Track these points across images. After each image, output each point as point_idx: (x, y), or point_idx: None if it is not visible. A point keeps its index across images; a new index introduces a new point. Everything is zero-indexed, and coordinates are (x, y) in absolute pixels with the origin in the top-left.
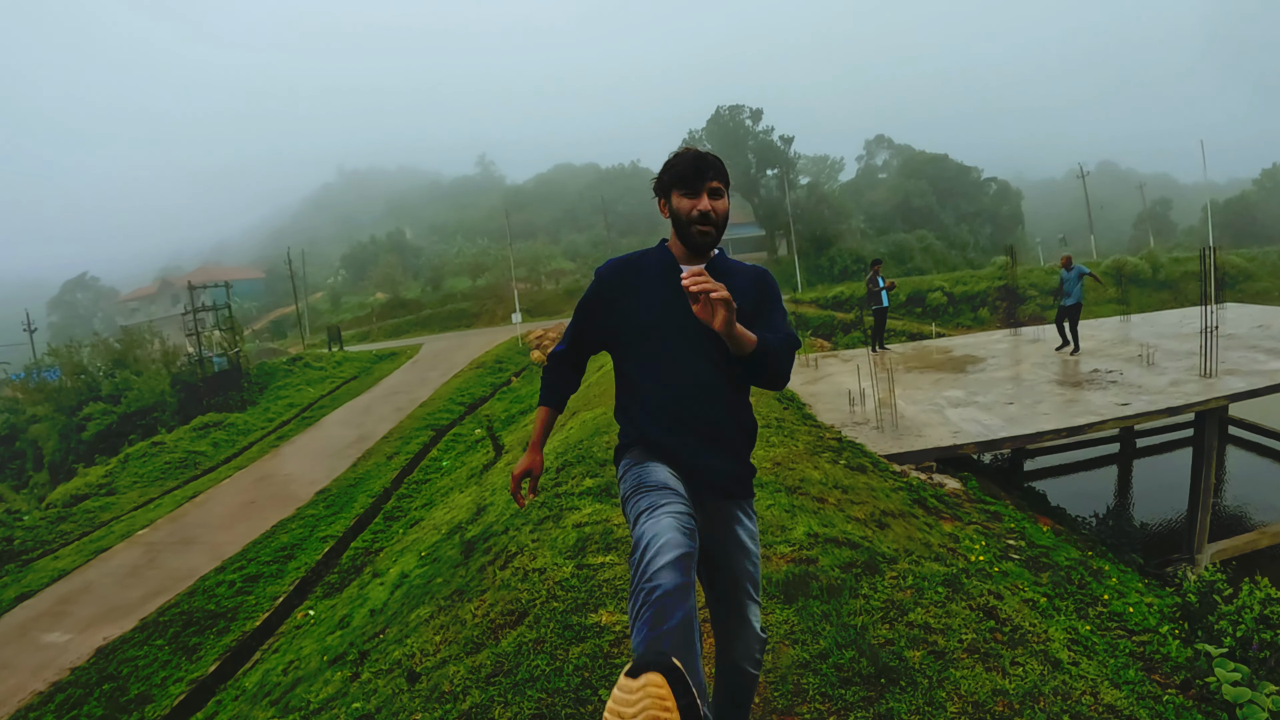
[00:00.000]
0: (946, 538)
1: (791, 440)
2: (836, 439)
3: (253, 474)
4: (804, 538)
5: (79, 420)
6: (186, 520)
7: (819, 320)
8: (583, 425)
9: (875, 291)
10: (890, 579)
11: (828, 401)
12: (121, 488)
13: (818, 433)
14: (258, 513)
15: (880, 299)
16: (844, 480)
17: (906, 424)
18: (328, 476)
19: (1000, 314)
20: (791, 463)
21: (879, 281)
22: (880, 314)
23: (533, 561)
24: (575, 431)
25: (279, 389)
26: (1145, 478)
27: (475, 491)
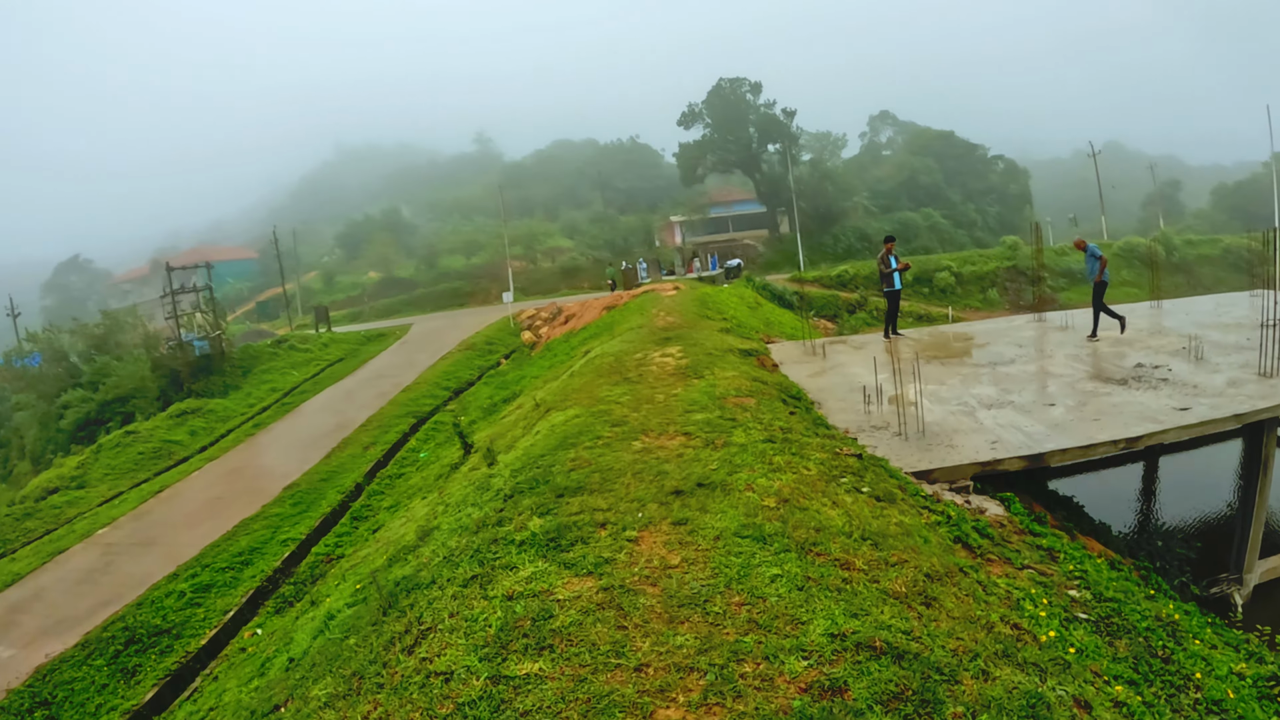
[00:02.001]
0: (1005, 603)
1: (801, 460)
2: (856, 455)
3: (224, 465)
4: (825, 640)
5: (58, 408)
6: (150, 518)
7: (823, 300)
8: (550, 431)
9: (887, 272)
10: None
11: (839, 398)
12: (93, 480)
13: (832, 446)
14: (223, 510)
15: (893, 280)
16: (871, 523)
17: (934, 430)
18: (299, 469)
19: (1010, 295)
20: (803, 498)
21: (892, 261)
22: (893, 296)
23: (440, 655)
24: (540, 439)
25: (263, 373)
26: (1171, 474)
27: (433, 501)
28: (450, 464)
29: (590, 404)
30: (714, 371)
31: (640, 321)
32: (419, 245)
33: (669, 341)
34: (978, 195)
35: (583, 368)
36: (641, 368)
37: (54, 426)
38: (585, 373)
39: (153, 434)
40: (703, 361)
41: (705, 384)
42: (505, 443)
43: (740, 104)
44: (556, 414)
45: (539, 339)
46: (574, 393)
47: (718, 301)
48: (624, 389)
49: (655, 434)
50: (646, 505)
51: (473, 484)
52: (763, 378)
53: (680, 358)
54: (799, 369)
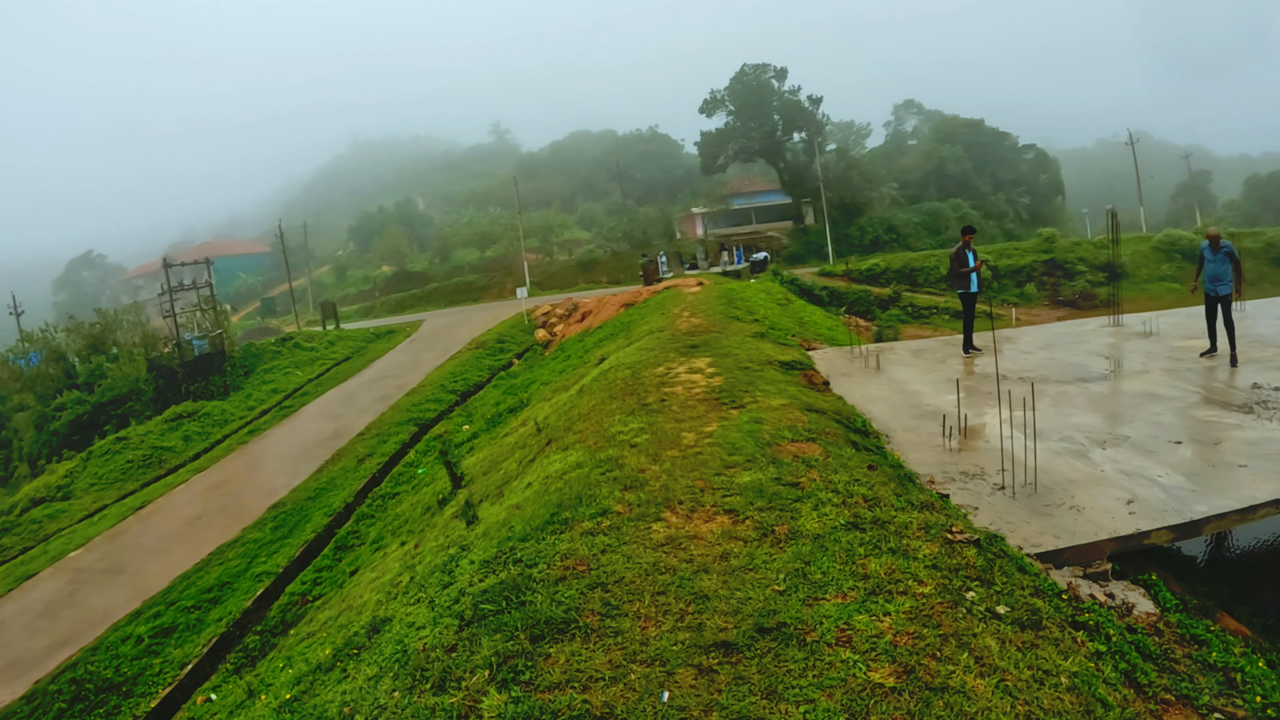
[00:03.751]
0: None
1: (906, 562)
2: (973, 541)
3: (210, 478)
4: None
5: (52, 410)
6: (125, 539)
7: (854, 296)
8: (543, 488)
9: (963, 271)
10: None
11: (908, 427)
12: (78, 490)
13: (938, 526)
14: (200, 532)
15: (969, 281)
16: (1036, 691)
17: (1044, 479)
18: (288, 484)
19: (1048, 290)
20: (930, 655)
21: (969, 258)
22: (969, 301)
23: None
24: (529, 499)
25: (265, 372)
26: None
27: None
28: (439, 495)
29: (597, 444)
30: (755, 396)
31: (661, 323)
32: (433, 238)
33: (695, 351)
34: (1007, 185)
35: (594, 383)
36: (663, 388)
37: (49, 429)
38: (596, 391)
39: (144, 440)
40: (739, 380)
41: (747, 417)
42: (495, 481)
43: (764, 90)
44: (554, 456)
45: (553, 337)
46: (579, 420)
47: (746, 299)
48: (640, 422)
49: (685, 509)
50: (675, 673)
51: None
52: (816, 403)
53: (711, 374)
54: (852, 386)
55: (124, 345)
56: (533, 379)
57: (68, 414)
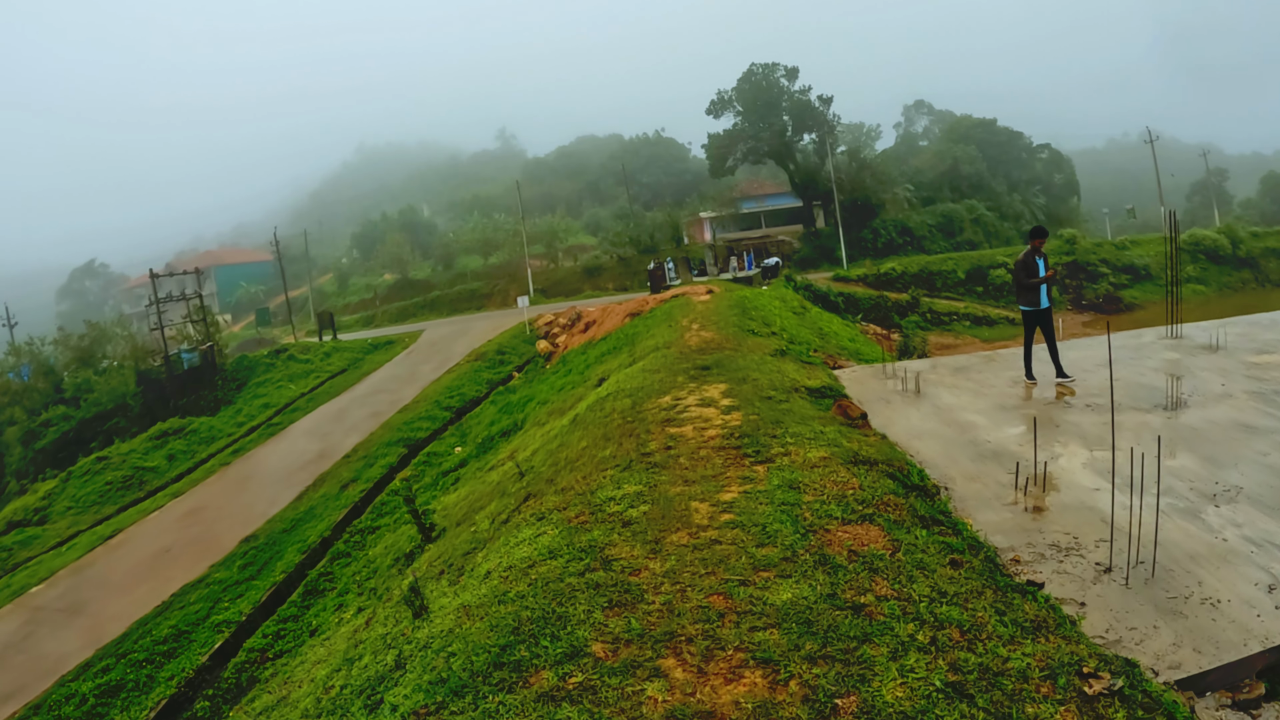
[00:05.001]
0: None
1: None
2: (1116, 694)
3: (186, 504)
4: None
5: (39, 425)
6: (89, 573)
7: (870, 302)
8: (504, 585)
9: (1031, 283)
10: None
11: (971, 474)
12: (55, 514)
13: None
14: (167, 567)
15: (1038, 295)
16: None
17: (1161, 556)
18: (265, 512)
19: (1071, 293)
20: None
21: (1039, 266)
22: (1036, 320)
23: None
24: (483, 607)
25: (257, 386)
26: None
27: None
28: (410, 544)
29: (580, 516)
30: (785, 442)
31: (668, 337)
32: (436, 245)
33: (708, 374)
34: (1022, 186)
35: (589, 413)
36: (669, 427)
37: (35, 445)
38: (590, 425)
39: (126, 459)
40: (763, 416)
41: (779, 480)
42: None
43: (773, 90)
44: (525, 530)
45: (555, 348)
46: (565, 469)
47: (760, 308)
48: (638, 482)
49: (696, 653)
50: None
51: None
52: (860, 450)
53: (727, 406)
54: (893, 416)
55: (113, 358)
56: (531, 395)
57: (54, 430)
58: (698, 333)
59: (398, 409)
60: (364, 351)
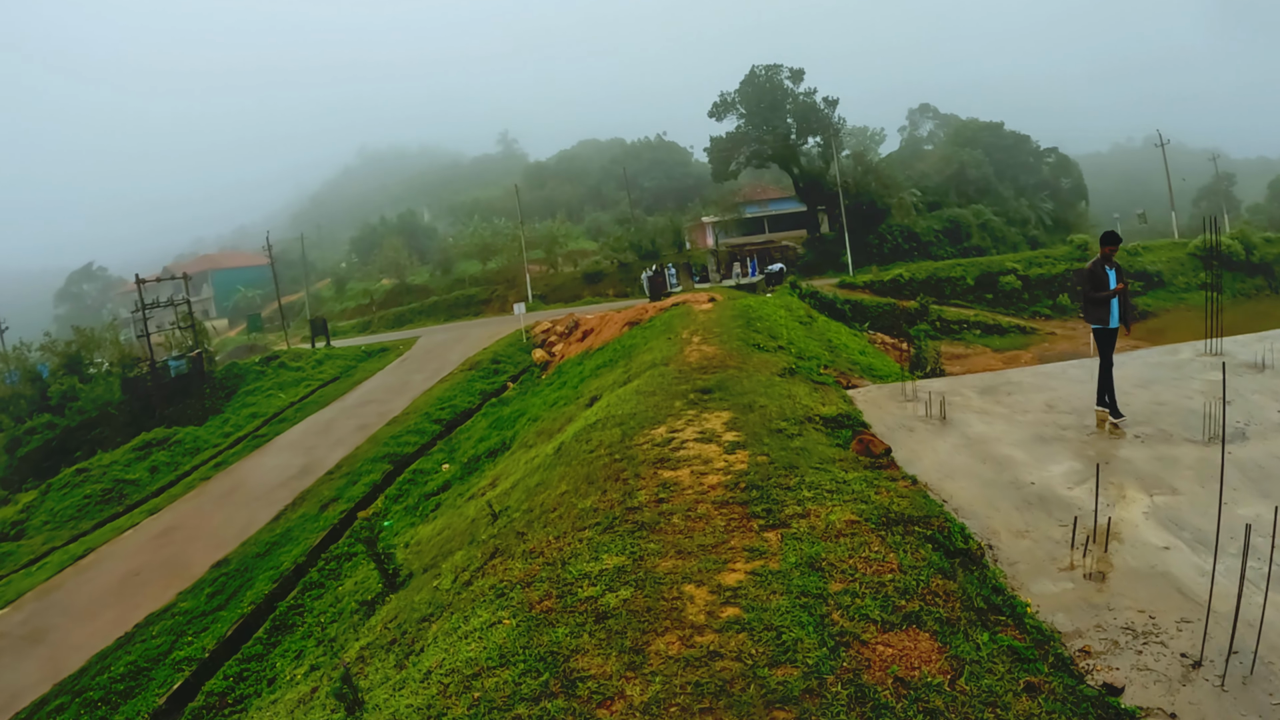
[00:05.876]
0: None
1: None
2: None
3: (162, 521)
4: None
5: (22, 432)
6: (56, 596)
7: (879, 310)
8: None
9: (1099, 297)
10: None
11: (1017, 527)
12: (32, 528)
13: None
14: (134, 593)
15: (1108, 312)
16: None
17: (1268, 650)
18: (238, 535)
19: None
20: None
21: (1109, 277)
22: (1109, 342)
23: None
24: None
25: (246, 395)
26: None
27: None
28: (371, 589)
29: (545, 597)
30: (802, 497)
31: (667, 351)
32: (435, 250)
33: (709, 399)
34: (1030, 190)
35: (574, 445)
36: (663, 470)
37: (19, 454)
38: (573, 462)
39: (107, 472)
40: (774, 459)
41: (796, 556)
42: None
43: (777, 92)
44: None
45: (552, 358)
46: (538, 521)
47: (765, 318)
48: (621, 553)
49: None
50: None
51: None
52: (891, 504)
53: (732, 442)
54: (918, 448)
55: (100, 365)
56: (523, 409)
57: (38, 438)
58: (698, 347)
59: (386, 421)
60: (357, 359)
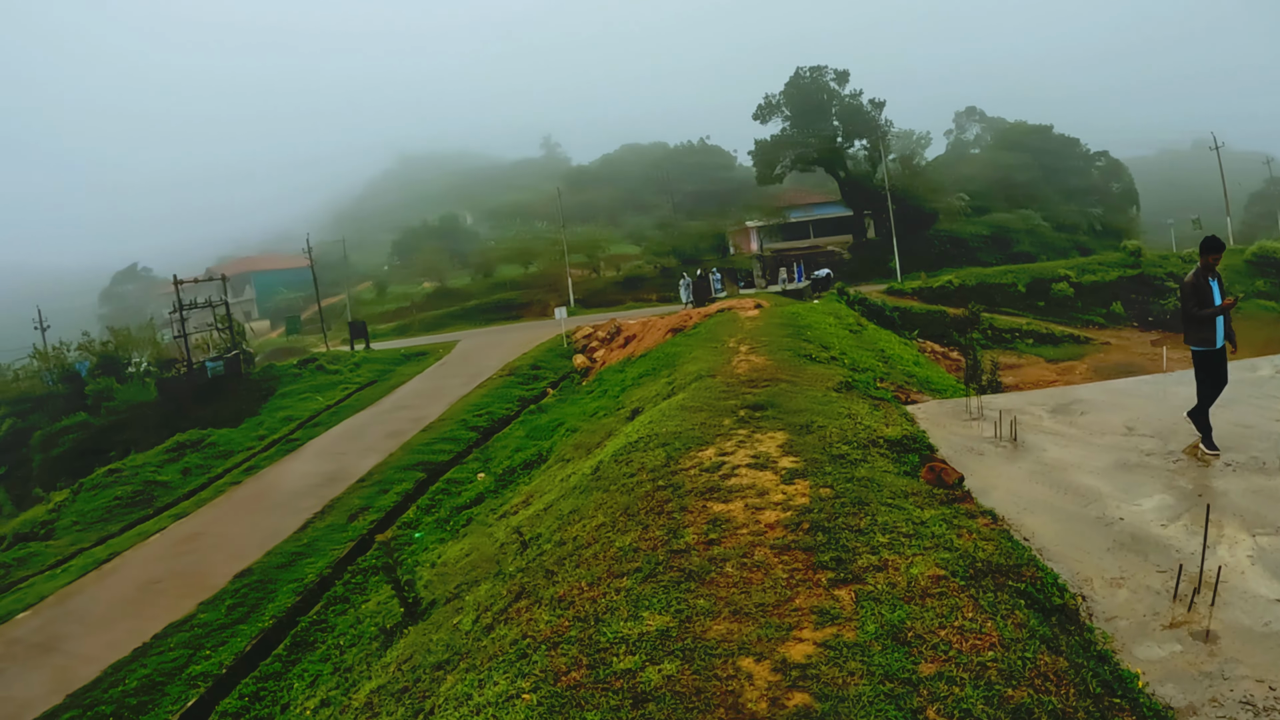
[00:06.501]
0: None
1: None
2: None
3: (187, 527)
4: None
5: (56, 431)
6: (75, 602)
7: (927, 318)
8: None
9: (1203, 315)
10: None
11: (1100, 564)
12: (61, 529)
13: None
14: (153, 603)
15: (1214, 330)
16: None
17: None
18: (263, 545)
19: (1135, 309)
20: None
21: (1213, 291)
22: (1212, 366)
23: None
24: None
25: (282, 397)
26: None
27: None
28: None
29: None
30: (876, 543)
31: (712, 361)
32: (476, 253)
33: (761, 417)
34: (1079, 195)
35: (612, 467)
36: (711, 504)
37: (53, 452)
38: (611, 488)
39: (138, 473)
40: (839, 491)
41: (874, 625)
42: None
43: (822, 94)
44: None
45: (592, 364)
46: (570, 558)
47: (813, 326)
48: (664, 610)
49: None
50: None
51: None
52: (977, 550)
53: (789, 469)
54: (990, 476)
55: (138, 365)
56: (561, 419)
57: (72, 437)
58: (746, 357)
59: (421, 427)
60: (394, 362)
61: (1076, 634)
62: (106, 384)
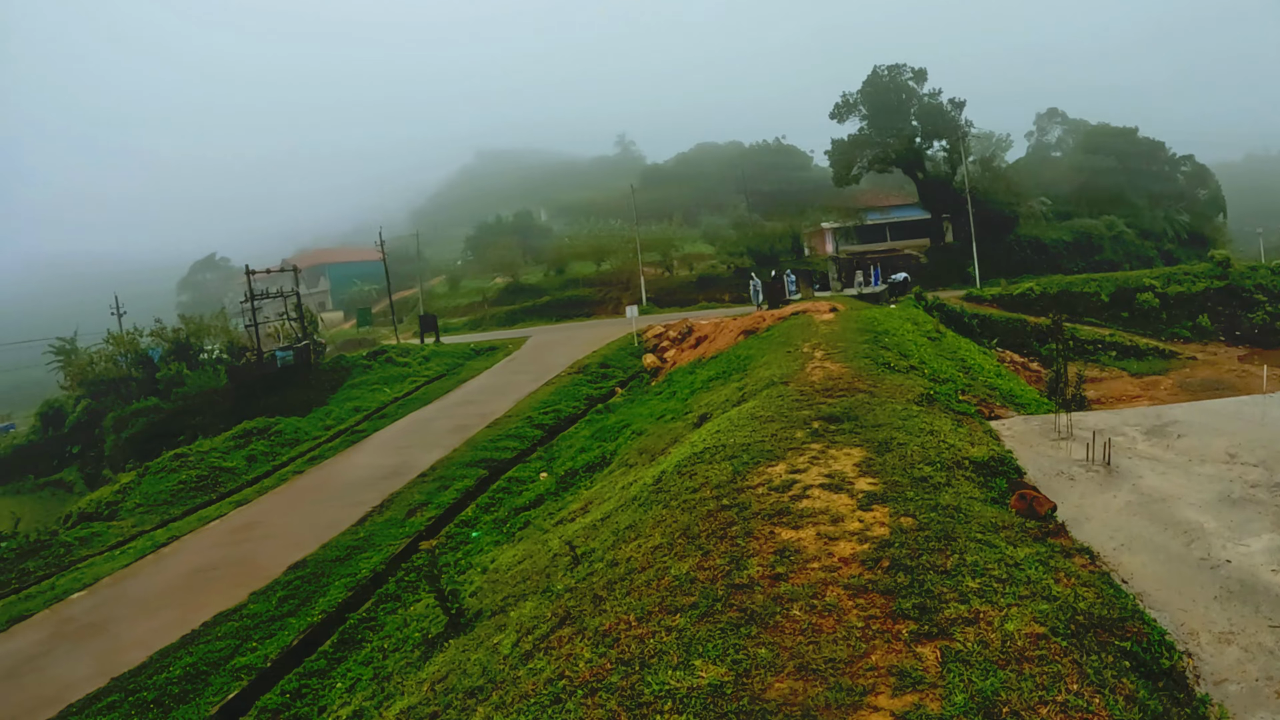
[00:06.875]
0: None
1: None
2: None
3: (246, 515)
4: None
5: (129, 413)
6: (128, 585)
7: (1006, 326)
8: None
9: None
10: None
11: (1212, 618)
12: (125, 510)
13: None
14: (205, 590)
15: None
16: None
17: None
18: (320, 537)
19: (1223, 323)
20: None
21: None
22: None
23: None
24: None
25: (351, 388)
26: None
27: None
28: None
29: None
30: (964, 589)
31: (786, 368)
32: (549, 249)
33: (837, 430)
34: (1165, 201)
35: (675, 480)
36: (781, 528)
37: (123, 434)
38: (671, 504)
39: (204, 458)
40: (921, 522)
41: (962, 694)
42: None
43: (900, 93)
44: None
45: (662, 364)
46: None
47: (891, 332)
48: (718, 660)
49: None
50: None
51: None
52: (1076, 599)
53: (866, 493)
54: (1084, 505)
55: (210, 352)
56: (628, 420)
57: (142, 420)
58: (821, 363)
59: (487, 423)
60: (464, 356)
61: (1186, 703)
62: (178, 370)
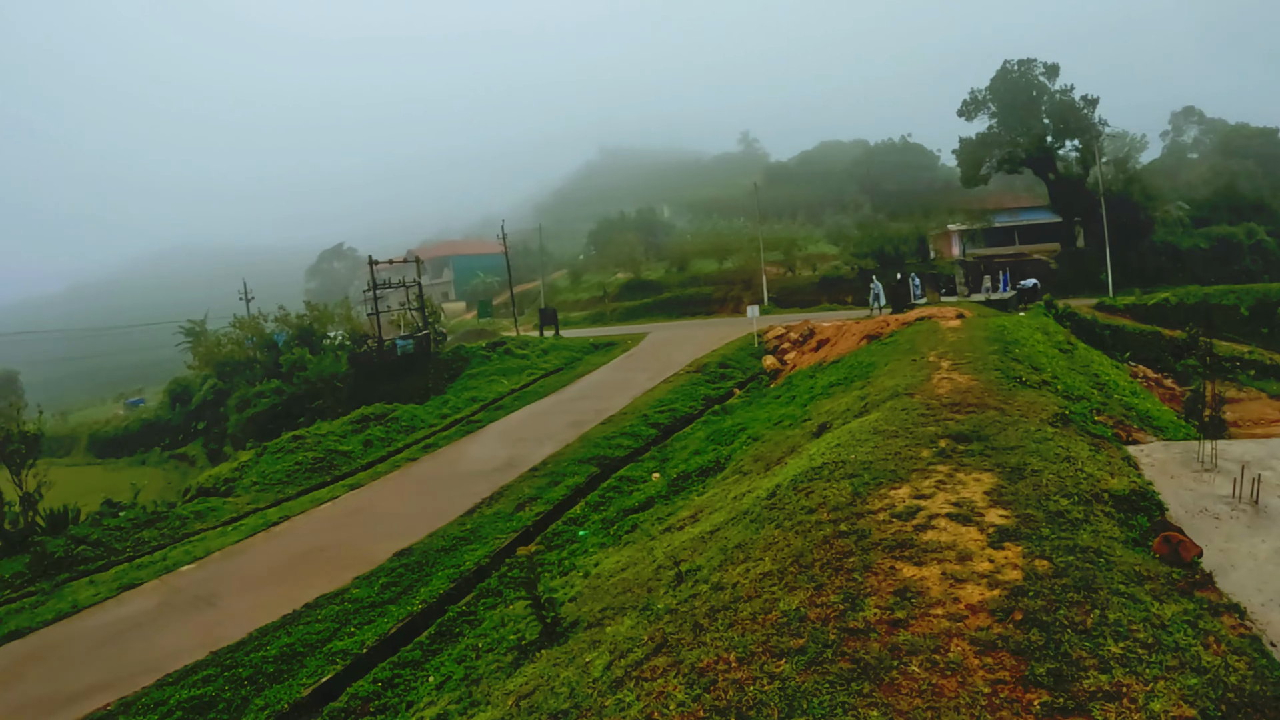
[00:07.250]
0: None
1: None
2: None
3: (358, 499)
4: None
5: (252, 395)
6: (237, 561)
7: (1140, 339)
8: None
9: None
10: None
11: None
12: (241, 488)
13: None
14: (311, 571)
15: None
16: None
17: None
18: (429, 525)
19: None
20: None
21: None
22: None
23: None
24: None
25: (469, 378)
26: None
27: None
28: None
29: None
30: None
31: (911, 378)
32: (671, 246)
33: (965, 450)
34: None
35: (790, 497)
36: (903, 563)
37: (246, 414)
38: (784, 524)
39: (321, 441)
40: (1061, 569)
41: None
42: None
43: (1031, 90)
44: None
45: (782, 367)
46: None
47: (1022, 342)
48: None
49: None
50: None
51: None
52: (1227, 672)
53: (997, 527)
54: (1232, 552)
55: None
56: (744, 424)
57: (265, 401)
58: (948, 374)
59: (602, 419)
60: (583, 351)
61: None
62: (301, 354)
